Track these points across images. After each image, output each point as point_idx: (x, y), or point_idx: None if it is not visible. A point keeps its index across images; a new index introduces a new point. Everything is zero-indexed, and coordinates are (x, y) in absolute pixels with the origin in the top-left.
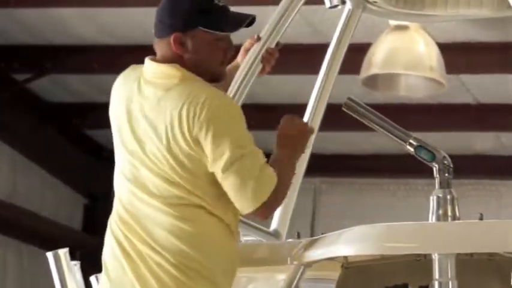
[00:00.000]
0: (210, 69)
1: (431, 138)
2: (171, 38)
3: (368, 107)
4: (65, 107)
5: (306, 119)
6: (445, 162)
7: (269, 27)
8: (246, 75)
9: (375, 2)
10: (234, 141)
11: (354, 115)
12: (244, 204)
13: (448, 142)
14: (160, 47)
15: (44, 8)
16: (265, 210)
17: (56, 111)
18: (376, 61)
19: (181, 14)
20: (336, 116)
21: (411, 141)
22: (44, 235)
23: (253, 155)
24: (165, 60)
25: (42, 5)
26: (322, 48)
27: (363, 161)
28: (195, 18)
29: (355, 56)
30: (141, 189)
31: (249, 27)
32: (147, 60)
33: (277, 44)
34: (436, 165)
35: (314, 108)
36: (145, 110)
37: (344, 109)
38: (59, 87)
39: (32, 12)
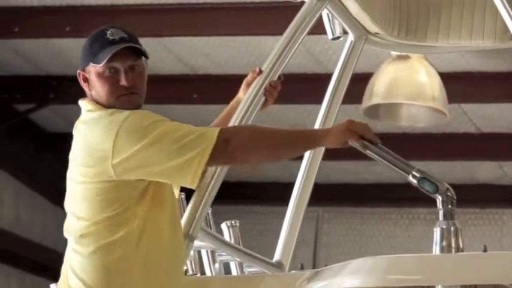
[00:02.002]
0: (107, 102)
1: (433, 167)
2: (77, 75)
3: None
4: (67, 137)
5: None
6: (449, 194)
7: (272, 59)
8: (248, 108)
9: (377, 33)
10: (148, 131)
11: (356, 147)
12: (190, 168)
13: (450, 171)
14: (89, 102)
15: (47, 39)
16: (220, 159)
17: (58, 141)
18: (377, 91)
19: (83, 52)
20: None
21: (414, 173)
22: (46, 265)
23: (172, 130)
24: (84, 98)
25: (45, 36)
26: (324, 78)
27: (365, 191)
28: (88, 54)
29: (356, 85)
30: None
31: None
32: None
33: (279, 77)
34: (440, 197)
35: None
36: (72, 149)
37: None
38: (61, 117)
39: (35, 43)
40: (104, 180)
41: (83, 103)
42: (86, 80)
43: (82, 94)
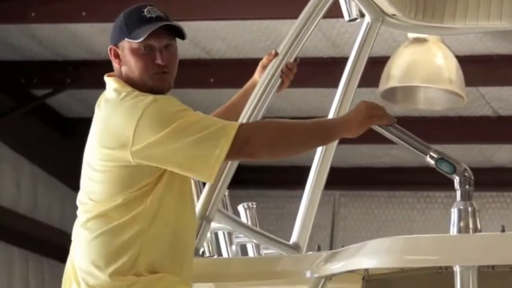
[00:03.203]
0: (141, 79)
1: (450, 150)
2: (109, 52)
3: None
4: (84, 122)
5: None
6: (466, 174)
7: (287, 41)
8: (264, 90)
9: (394, 15)
10: (174, 127)
11: (374, 128)
12: (209, 160)
13: (467, 155)
14: (116, 79)
15: (63, 24)
16: (240, 153)
17: (75, 126)
18: (394, 74)
19: (116, 27)
20: None
21: (432, 153)
22: (64, 249)
23: (195, 122)
24: (114, 74)
25: (61, 20)
26: (340, 61)
27: (382, 174)
28: (124, 30)
29: (373, 69)
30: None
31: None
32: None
33: (295, 59)
34: (457, 178)
35: None
36: (94, 121)
37: None
38: (78, 102)
39: (51, 28)
40: (121, 164)
41: (109, 80)
42: (117, 55)
43: (99, 79)
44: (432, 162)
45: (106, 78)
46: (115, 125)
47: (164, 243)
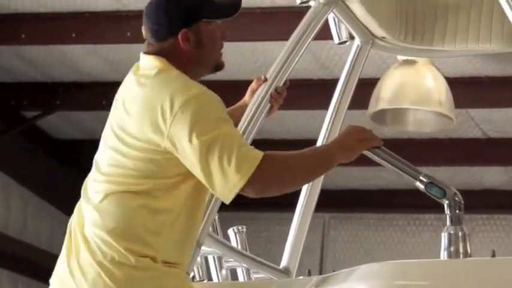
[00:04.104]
0: (214, 58)
1: (440, 173)
2: (179, 36)
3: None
4: (74, 144)
5: None
6: (456, 199)
7: (277, 65)
8: (254, 114)
9: (384, 37)
10: (209, 130)
11: (364, 153)
12: (229, 183)
13: (457, 177)
14: (157, 48)
15: (53, 45)
16: (256, 185)
17: (65, 148)
18: (384, 96)
19: (183, 11)
20: None
21: (422, 178)
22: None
23: (230, 135)
24: (158, 53)
25: (51, 42)
26: (330, 83)
27: (372, 196)
28: (196, 11)
29: (363, 90)
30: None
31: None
32: (141, 54)
33: (285, 82)
34: (447, 202)
35: (324, 144)
36: (124, 99)
37: None
38: (68, 123)
39: (41, 50)
40: (153, 148)
41: (152, 58)
42: (187, 39)
43: (88, 100)
44: (422, 186)
45: (148, 56)
46: (155, 107)
47: (184, 237)
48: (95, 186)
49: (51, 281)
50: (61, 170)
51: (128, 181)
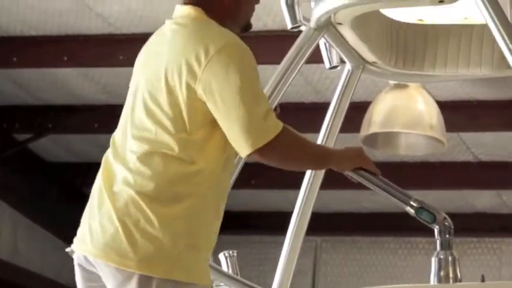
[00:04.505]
0: (246, 17)
1: (431, 196)
2: None
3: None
4: (66, 167)
5: (306, 177)
6: (446, 223)
7: (268, 89)
8: None
9: (374, 62)
10: (245, 83)
11: (353, 177)
12: (250, 138)
13: (448, 200)
14: (198, 8)
15: (45, 69)
16: (266, 152)
17: (57, 171)
18: (375, 120)
19: None
20: (337, 174)
21: (412, 202)
22: None
23: (260, 96)
24: (195, 3)
25: (43, 65)
26: (322, 106)
27: (364, 220)
28: None
29: (354, 114)
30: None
31: None
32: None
33: (275, 108)
34: (437, 227)
35: None
36: (157, 46)
37: (345, 172)
38: (61, 147)
39: (33, 73)
40: (185, 94)
41: (189, 7)
42: None
43: (80, 123)
44: (412, 211)
45: (183, 6)
46: (191, 48)
47: (213, 209)
48: (127, 143)
49: (74, 239)
50: (53, 194)
51: (161, 139)
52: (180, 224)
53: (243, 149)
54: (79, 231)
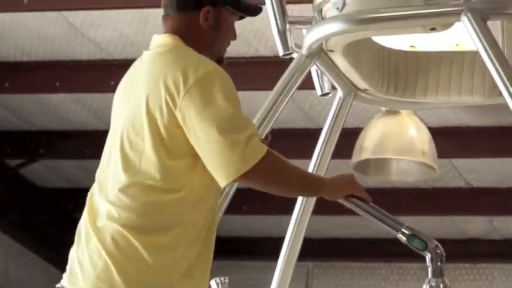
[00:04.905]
0: (221, 49)
1: (423, 222)
2: (202, 11)
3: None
4: (57, 192)
5: (298, 204)
6: (438, 251)
7: (260, 116)
8: None
9: (366, 89)
10: (224, 112)
11: (347, 204)
12: (231, 166)
13: (440, 226)
14: (174, 21)
15: (37, 94)
16: (249, 176)
17: (48, 196)
18: (367, 146)
19: None
20: (328, 201)
21: (403, 230)
22: None
23: (242, 120)
24: (173, 32)
25: (35, 90)
26: (314, 132)
27: (355, 245)
28: None
29: (346, 140)
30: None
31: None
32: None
33: (266, 137)
34: (429, 254)
35: None
36: (136, 76)
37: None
38: (52, 172)
39: (25, 99)
40: (165, 122)
41: (167, 36)
42: (206, 19)
43: (72, 149)
44: (404, 238)
45: (160, 36)
46: (170, 75)
47: (201, 233)
48: (109, 177)
49: (64, 275)
50: (45, 219)
51: (144, 169)
52: (171, 254)
53: (223, 178)
54: (68, 268)
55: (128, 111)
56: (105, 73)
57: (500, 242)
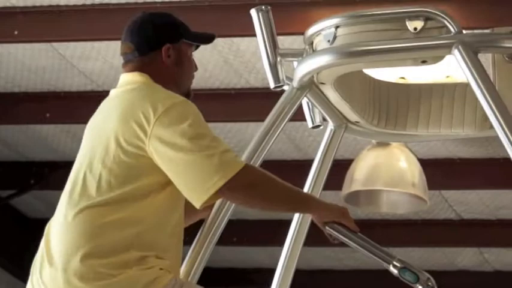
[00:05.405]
0: (188, 82)
1: (414, 253)
2: (163, 49)
3: (351, 229)
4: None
5: (289, 235)
6: (429, 283)
7: (251, 149)
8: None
9: (357, 122)
10: (196, 132)
11: (337, 237)
12: (207, 181)
13: (431, 258)
14: (138, 64)
15: (27, 125)
16: (231, 188)
17: (39, 227)
18: (358, 178)
19: (169, 27)
20: (319, 232)
21: (395, 262)
22: None
23: (215, 139)
24: (140, 70)
25: (25, 121)
26: (305, 164)
27: (345, 277)
28: (179, 31)
29: (337, 171)
30: None
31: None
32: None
33: None
34: (421, 287)
35: (298, 225)
36: (105, 112)
37: (327, 231)
38: (43, 203)
39: (15, 129)
40: (134, 152)
41: (135, 74)
42: (168, 55)
43: (63, 180)
44: (395, 271)
45: (128, 74)
46: (139, 109)
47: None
48: (62, 204)
49: None
50: (35, 249)
51: (99, 192)
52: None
53: (201, 196)
54: None
55: (94, 144)
56: (96, 104)
57: (490, 274)
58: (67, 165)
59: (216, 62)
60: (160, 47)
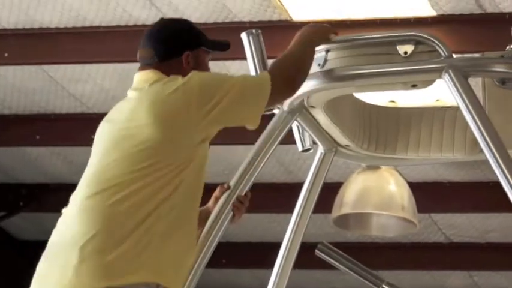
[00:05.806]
0: None
1: (403, 277)
2: (183, 56)
3: (341, 252)
4: (38, 245)
5: (279, 258)
6: None
7: (240, 173)
8: (216, 224)
9: (347, 146)
10: (222, 74)
11: (327, 260)
12: (258, 104)
13: (420, 281)
14: (156, 69)
15: (17, 147)
16: (275, 96)
17: (29, 249)
18: (347, 201)
19: (189, 35)
20: (308, 255)
21: (384, 286)
22: None
23: (229, 77)
24: (155, 67)
25: (15, 144)
26: (294, 187)
27: None
28: (200, 38)
29: (327, 194)
30: None
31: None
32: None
33: (246, 194)
34: None
35: (288, 247)
36: (124, 106)
37: (317, 254)
38: (32, 225)
39: (5, 151)
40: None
41: (149, 71)
42: (188, 62)
43: (52, 202)
44: None
45: (143, 71)
46: (165, 89)
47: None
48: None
49: None
50: (26, 272)
51: (117, 182)
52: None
53: (261, 103)
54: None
55: (110, 134)
56: (86, 127)
57: None
58: (56, 188)
59: None
60: (180, 54)
